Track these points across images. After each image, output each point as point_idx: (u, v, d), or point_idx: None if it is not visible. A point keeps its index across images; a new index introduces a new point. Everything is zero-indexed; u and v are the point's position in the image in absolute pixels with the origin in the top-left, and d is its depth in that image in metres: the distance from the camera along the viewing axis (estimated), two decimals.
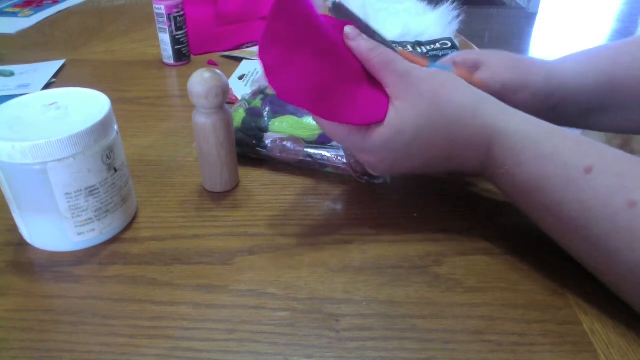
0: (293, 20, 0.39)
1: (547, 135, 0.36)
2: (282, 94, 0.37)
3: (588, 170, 0.33)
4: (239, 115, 0.52)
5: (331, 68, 0.38)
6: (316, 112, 0.37)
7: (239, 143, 0.50)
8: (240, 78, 0.72)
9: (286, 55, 0.38)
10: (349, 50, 0.40)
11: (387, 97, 0.39)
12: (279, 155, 0.50)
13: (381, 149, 0.38)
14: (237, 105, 0.54)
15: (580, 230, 0.33)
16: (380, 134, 0.38)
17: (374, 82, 0.40)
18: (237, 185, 0.48)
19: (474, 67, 0.48)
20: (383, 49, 0.39)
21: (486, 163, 0.38)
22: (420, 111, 0.37)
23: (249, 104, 0.54)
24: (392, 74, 0.38)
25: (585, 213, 0.33)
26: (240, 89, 0.67)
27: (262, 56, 0.38)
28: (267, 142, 0.50)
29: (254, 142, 0.50)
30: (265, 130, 0.50)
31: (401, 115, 0.37)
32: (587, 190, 0.33)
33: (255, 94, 0.56)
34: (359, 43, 0.39)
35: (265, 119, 0.51)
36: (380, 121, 0.38)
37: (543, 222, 0.37)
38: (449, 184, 0.48)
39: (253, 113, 0.52)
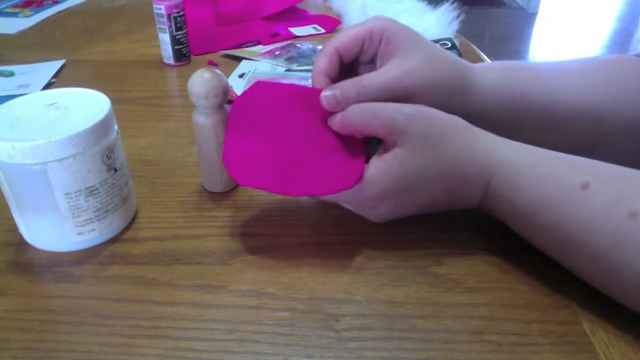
0: (254, 109, 0.40)
1: (542, 158, 0.37)
2: (244, 181, 0.38)
3: (585, 187, 0.33)
4: None
5: (295, 145, 0.39)
6: (283, 191, 0.38)
7: None
8: (241, 76, 0.72)
9: (248, 146, 0.39)
10: (317, 121, 0.40)
11: (361, 157, 0.39)
12: None
13: (382, 198, 0.38)
14: None
15: (583, 247, 0.33)
16: (381, 183, 0.37)
17: (347, 147, 0.40)
18: (237, 186, 0.48)
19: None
20: (358, 105, 0.38)
21: (486, 195, 0.38)
22: (424, 157, 0.36)
23: None
24: (384, 121, 0.37)
25: (587, 229, 0.33)
26: (241, 87, 0.68)
27: (226, 155, 0.39)
28: None
29: None
30: None
31: (403, 163, 0.36)
32: (586, 206, 0.33)
33: None
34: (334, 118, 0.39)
35: None
36: (349, 188, 0.37)
37: (545, 245, 0.37)
38: None
39: None
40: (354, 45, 0.41)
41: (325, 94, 0.39)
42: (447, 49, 0.73)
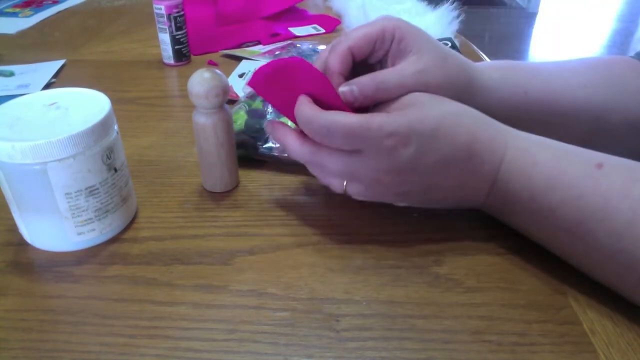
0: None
1: (553, 142, 0.38)
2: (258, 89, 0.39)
3: (599, 166, 0.35)
4: (240, 117, 0.52)
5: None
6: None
7: (243, 145, 0.50)
8: (241, 76, 0.72)
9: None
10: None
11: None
12: (286, 155, 0.50)
13: (406, 135, 0.35)
14: (237, 107, 0.54)
15: (601, 223, 0.34)
16: (404, 116, 0.36)
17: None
18: (237, 186, 0.48)
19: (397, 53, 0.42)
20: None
21: (500, 171, 0.38)
22: (442, 106, 0.38)
23: (249, 105, 0.54)
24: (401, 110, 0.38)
25: (606, 205, 0.33)
26: (241, 87, 0.68)
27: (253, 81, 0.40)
28: (275, 142, 0.50)
29: (259, 143, 0.50)
30: None
31: (422, 105, 0.37)
32: (603, 182, 0.34)
33: (253, 96, 0.56)
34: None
35: (269, 120, 0.51)
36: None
37: (560, 227, 0.36)
38: None
39: (255, 114, 0.52)
40: (366, 45, 0.41)
41: (343, 89, 0.39)
42: None
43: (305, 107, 0.37)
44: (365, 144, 0.36)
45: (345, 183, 0.39)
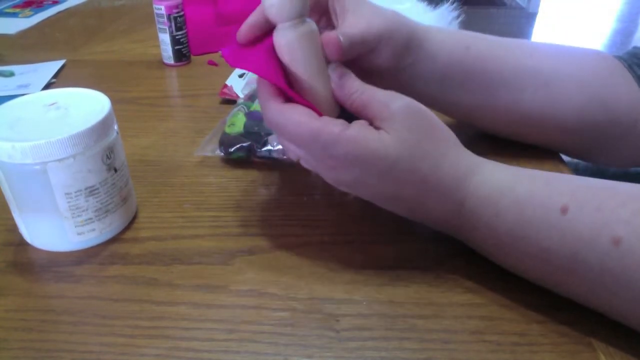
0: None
1: (518, 178, 0.35)
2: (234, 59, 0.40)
3: (564, 210, 0.32)
4: (239, 120, 0.52)
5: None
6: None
7: (241, 148, 0.50)
8: (241, 76, 0.72)
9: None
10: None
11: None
12: (285, 157, 0.50)
13: (350, 164, 0.34)
14: (235, 109, 0.54)
15: (571, 276, 0.33)
16: (357, 148, 0.33)
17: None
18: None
19: (333, 13, 0.41)
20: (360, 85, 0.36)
21: (461, 217, 0.36)
22: (404, 148, 0.34)
23: (248, 107, 0.54)
24: (375, 105, 0.35)
25: (573, 258, 0.32)
26: (241, 87, 0.68)
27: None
28: (275, 143, 0.50)
29: (257, 146, 0.50)
30: (269, 132, 0.50)
31: (385, 144, 0.34)
32: (569, 233, 0.32)
33: (252, 97, 0.56)
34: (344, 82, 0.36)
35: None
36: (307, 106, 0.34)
37: (535, 272, 0.35)
38: None
39: (254, 117, 0.52)
40: None
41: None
42: None
43: (265, 89, 0.36)
44: (307, 151, 0.35)
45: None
